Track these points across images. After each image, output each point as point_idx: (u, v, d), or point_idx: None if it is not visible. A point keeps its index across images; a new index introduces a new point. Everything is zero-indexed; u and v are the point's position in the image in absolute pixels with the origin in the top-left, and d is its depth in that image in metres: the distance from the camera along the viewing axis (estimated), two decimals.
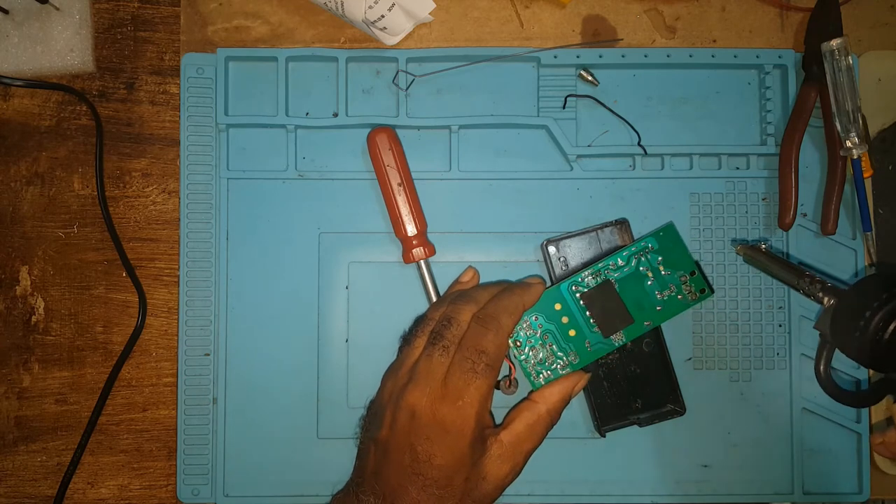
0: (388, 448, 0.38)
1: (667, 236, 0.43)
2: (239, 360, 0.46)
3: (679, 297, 0.43)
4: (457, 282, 0.46)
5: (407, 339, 0.42)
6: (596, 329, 0.42)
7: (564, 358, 0.42)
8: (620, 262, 0.42)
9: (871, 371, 0.43)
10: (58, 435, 0.47)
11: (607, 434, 0.45)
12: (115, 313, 0.47)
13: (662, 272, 0.43)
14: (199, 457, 0.46)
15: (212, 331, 0.46)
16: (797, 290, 0.36)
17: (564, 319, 0.42)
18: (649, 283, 0.43)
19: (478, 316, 0.40)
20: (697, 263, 0.43)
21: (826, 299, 0.33)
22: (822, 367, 0.33)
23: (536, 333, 0.42)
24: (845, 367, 0.45)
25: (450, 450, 0.37)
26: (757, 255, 0.40)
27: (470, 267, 0.46)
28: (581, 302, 0.42)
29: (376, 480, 0.38)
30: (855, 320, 0.29)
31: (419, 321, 0.43)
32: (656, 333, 0.45)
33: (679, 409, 0.45)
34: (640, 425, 0.45)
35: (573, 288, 0.42)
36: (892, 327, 0.28)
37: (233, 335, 0.46)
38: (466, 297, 0.41)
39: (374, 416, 0.41)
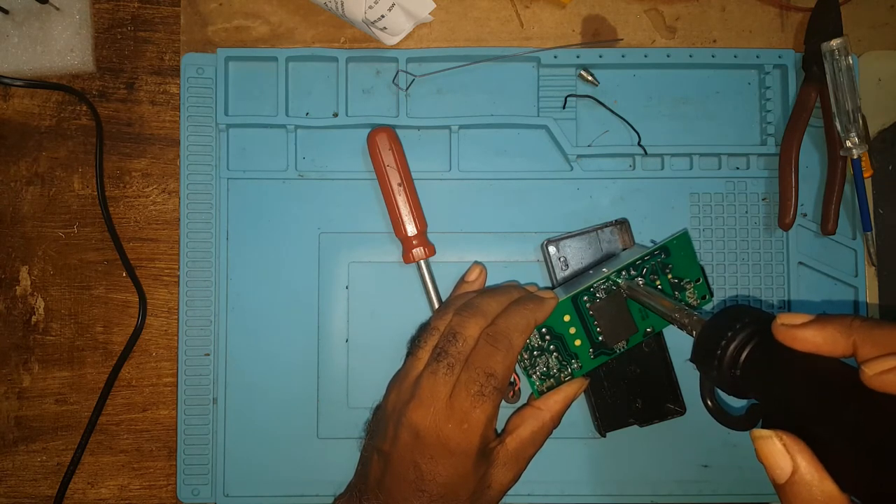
0: (391, 461, 0.37)
1: (680, 244, 0.41)
2: (239, 360, 0.46)
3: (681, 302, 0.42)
4: (462, 281, 0.44)
5: (411, 349, 0.41)
6: (601, 338, 0.41)
7: (568, 367, 0.41)
8: (633, 272, 0.40)
9: None
10: (58, 435, 0.47)
11: (607, 434, 0.45)
12: (115, 313, 0.47)
13: (670, 279, 0.41)
14: (199, 457, 0.46)
15: (212, 331, 0.46)
16: (673, 323, 0.35)
17: (572, 330, 0.41)
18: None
19: (487, 333, 0.38)
20: (703, 269, 0.42)
21: (694, 332, 0.32)
22: (707, 399, 0.33)
23: (543, 344, 0.41)
24: None
25: (454, 468, 0.36)
26: (636, 290, 0.39)
27: (475, 264, 0.45)
28: (591, 312, 0.41)
29: (380, 490, 0.37)
30: (711, 355, 0.29)
31: (423, 330, 0.41)
32: (656, 334, 0.45)
33: (679, 409, 0.45)
34: (640, 425, 0.45)
35: (584, 299, 0.40)
36: (742, 359, 0.28)
37: (233, 335, 0.46)
38: (473, 308, 0.39)
39: (378, 425, 0.40)
